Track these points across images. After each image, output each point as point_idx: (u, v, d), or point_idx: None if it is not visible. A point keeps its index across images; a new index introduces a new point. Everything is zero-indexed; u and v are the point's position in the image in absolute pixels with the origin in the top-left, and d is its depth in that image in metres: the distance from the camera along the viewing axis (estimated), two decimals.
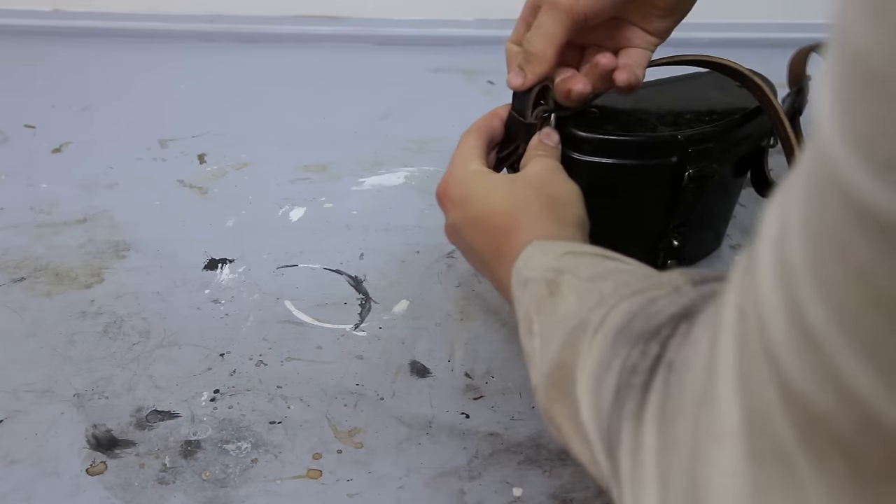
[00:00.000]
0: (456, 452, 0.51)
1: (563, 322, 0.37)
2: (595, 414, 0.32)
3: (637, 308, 0.32)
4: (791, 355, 0.20)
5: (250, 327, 0.60)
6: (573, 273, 0.39)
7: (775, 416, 0.21)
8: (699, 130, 0.54)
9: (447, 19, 0.97)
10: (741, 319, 0.23)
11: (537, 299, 0.40)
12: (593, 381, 0.32)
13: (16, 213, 0.70)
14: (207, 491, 0.49)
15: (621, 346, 0.31)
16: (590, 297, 0.36)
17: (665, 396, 0.27)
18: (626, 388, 0.29)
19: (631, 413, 0.28)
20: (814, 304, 0.19)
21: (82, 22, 0.96)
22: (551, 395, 0.36)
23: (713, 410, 0.24)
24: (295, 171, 0.76)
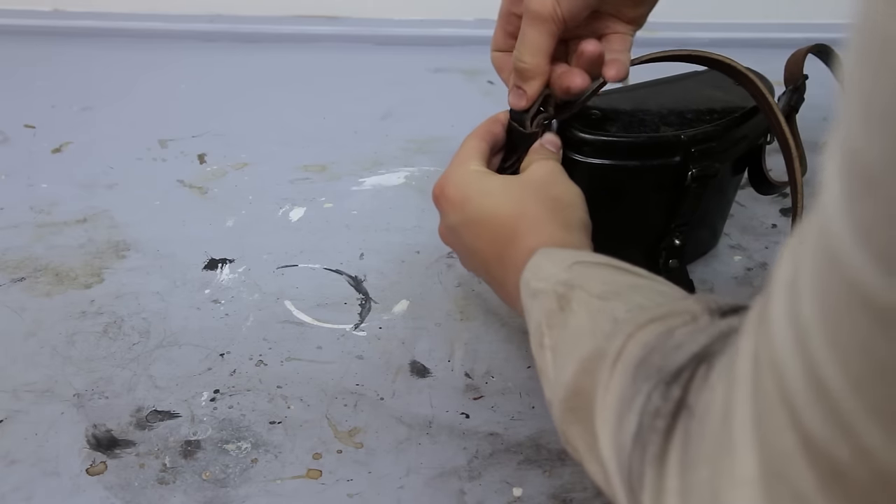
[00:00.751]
0: (456, 452, 0.51)
1: (575, 343, 0.36)
2: (616, 451, 0.32)
3: (655, 339, 0.32)
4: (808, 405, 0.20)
5: (250, 327, 0.60)
6: (583, 288, 0.38)
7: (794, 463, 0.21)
8: (701, 130, 0.54)
9: (447, 19, 0.97)
10: (756, 368, 0.23)
11: (548, 313, 0.39)
12: (614, 418, 0.32)
13: (16, 213, 0.70)
14: (207, 491, 0.49)
15: (642, 382, 0.31)
16: (603, 319, 0.36)
17: (686, 442, 0.27)
18: (649, 432, 0.29)
19: (654, 457, 0.28)
20: (828, 364, 0.19)
21: (82, 22, 0.96)
22: (568, 419, 0.36)
23: (731, 457, 0.24)
24: (295, 171, 0.76)
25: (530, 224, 0.45)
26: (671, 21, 0.94)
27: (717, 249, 0.67)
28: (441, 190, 0.50)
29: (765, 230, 0.69)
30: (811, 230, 0.20)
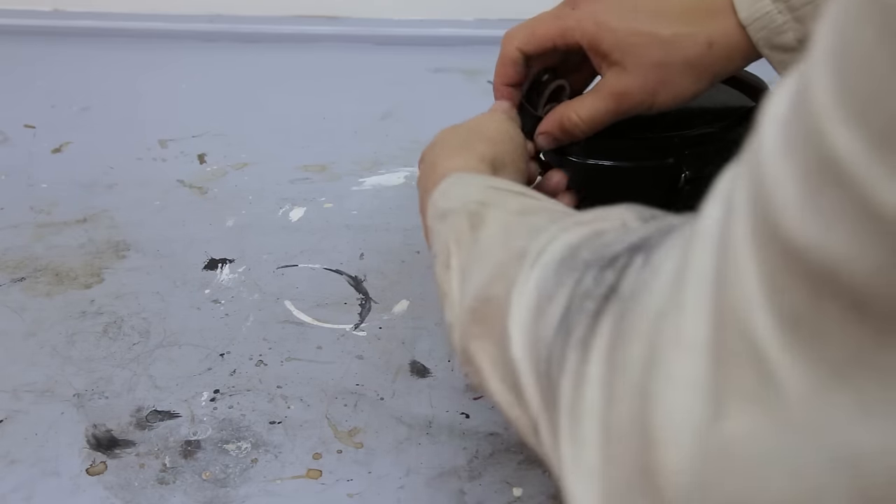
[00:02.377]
0: (456, 452, 0.51)
1: (487, 254, 0.35)
2: (531, 346, 0.30)
3: (582, 240, 0.31)
4: (797, 210, 0.19)
5: (250, 327, 0.60)
6: (499, 206, 0.37)
7: (754, 305, 0.20)
8: (696, 132, 0.54)
9: (447, 19, 0.96)
10: (726, 218, 0.22)
11: (457, 232, 0.38)
12: (532, 313, 0.30)
13: (16, 213, 0.70)
14: (207, 491, 0.49)
15: (567, 276, 0.29)
16: (520, 230, 0.34)
17: (617, 328, 0.26)
18: (576, 314, 0.28)
19: (578, 340, 0.27)
20: (841, 138, 0.18)
21: (82, 22, 0.96)
22: (472, 332, 0.34)
23: (676, 324, 0.23)
24: (295, 171, 0.76)
25: (449, 151, 0.45)
26: None
27: None
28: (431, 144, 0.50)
29: None
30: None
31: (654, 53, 0.48)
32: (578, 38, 0.49)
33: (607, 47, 0.48)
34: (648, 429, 0.22)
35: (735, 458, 0.21)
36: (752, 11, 0.47)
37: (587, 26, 0.49)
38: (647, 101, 0.49)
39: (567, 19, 0.50)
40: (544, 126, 0.52)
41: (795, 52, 0.46)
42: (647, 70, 0.48)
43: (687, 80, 0.49)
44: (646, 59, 0.48)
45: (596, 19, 0.49)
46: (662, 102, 0.49)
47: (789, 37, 0.46)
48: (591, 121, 0.50)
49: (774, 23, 0.46)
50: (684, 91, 0.49)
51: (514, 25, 0.52)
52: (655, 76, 0.48)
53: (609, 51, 0.48)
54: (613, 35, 0.48)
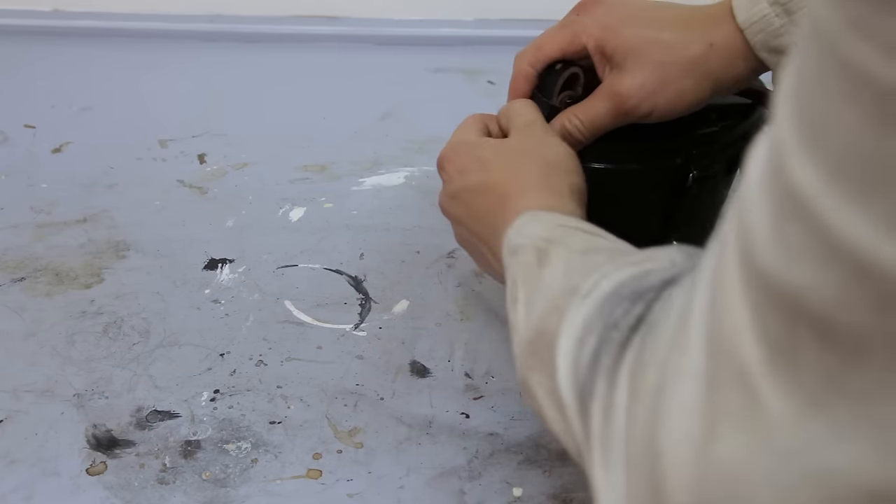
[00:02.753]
0: (456, 452, 0.51)
1: (548, 289, 0.36)
2: (573, 375, 0.31)
3: (629, 277, 0.32)
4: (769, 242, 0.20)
5: (250, 327, 0.60)
6: (564, 244, 0.38)
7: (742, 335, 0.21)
8: (702, 132, 0.54)
9: (447, 19, 0.96)
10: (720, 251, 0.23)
11: (525, 267, 0.39)
12: (575, 344, 0.31)
13: (16, 213, 0.70)
14: (207, 491, 0.49)
15: (607, 310, 0.31)
16: (580, 267, 0.35)
17: (639, 357, 0.27)
18: (605, 343, 0.29)
19: (606, 368, 0.28)
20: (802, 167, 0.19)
21: (82, 22, 0.96)
22: (530, 364, 0.36)
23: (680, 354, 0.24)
24: (295, 171, 0.76)
25: (521, 189, 0.45)
26: None
27: None
28: (444, 157, 0.51)
29: None
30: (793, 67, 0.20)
31: (654, 54, 0.48)
32: (585, 41, 0.50)
33: (611, 50, 0.49)
34: (656, 452, 0.24)
35: (727, 480, 0.22)
36: (750, 15, 0.47)
37: (593, 31, 0.49)
38: (647, 104, 0.49)
39: (573, 26, 0.50)
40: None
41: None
42: (647, 70, 0.48)
43: (687, 82, 0.49)
44: (646, 60, 0.48)
45: (601, 24, 0.49)
46: (663, 106, 0.49)
47: (787, 40, 0.47)
48: (591, 124, 0.50)
49: (772, 26, 0.47)
50: (684, 94, 0.49)
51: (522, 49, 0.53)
52: (655, 77, 0.48)
53: (612, 53, 0.49)
54: (617, 38, 0.49)
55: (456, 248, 0.66)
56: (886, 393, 0.19)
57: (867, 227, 0.18)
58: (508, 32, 0.91)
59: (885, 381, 0.19)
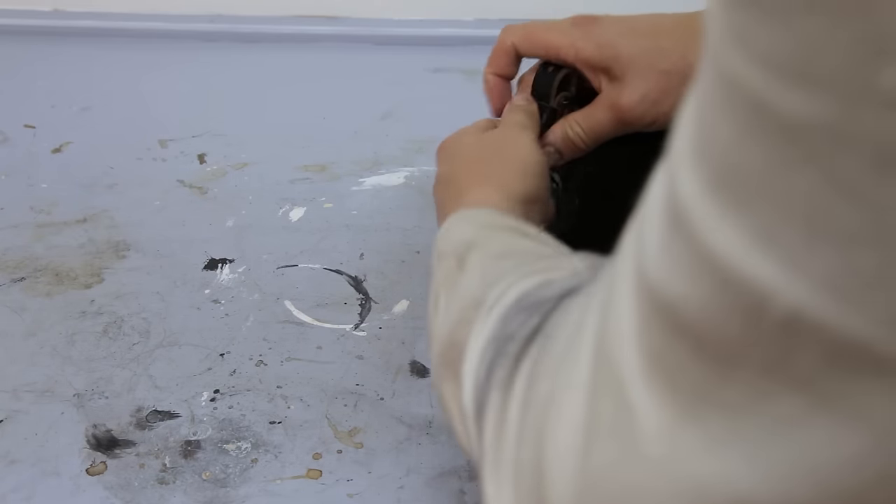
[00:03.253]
0: (456, 452, 0.51)
1: (461, 298, 0.35)
2: (474, 388, 0.31)
3: (532, 288, 0.32)
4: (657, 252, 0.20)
5: (250, 327, 0.60)
6: (482, 248, 0.38)
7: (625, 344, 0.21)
8: None
9: (447, 19, 0.96)
10: (619, 262, 0.23)
11: (447, 273, 0.38)
12: (479, 357, 0.31)
13: (16, 213, 0.70)
14: (207, 491, 0.49)
15: (509, 323, 0.30)
16: (491, 275, 0.35)
17: (533, 369, 0.26)
18: (499, 357, 0.29)
19: (500, 381, 0.28)
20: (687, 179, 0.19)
21: (82, 22, 0.96)
22: (442, 374, 0.35)
23: (572, 366, 0.24)
24: (295, 171, 0.76)
25: (470, 184, 0.45)
26: None
27: None
28: (438, 148, 0.50)
29: None
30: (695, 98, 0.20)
31: (655, 63, 0.48)
32: (572, 57, 0.49)
33: (607, 63, 0.48)
34: (542, 466, 0.24)
35: (605, 491, 0.22)
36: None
37: (583, 46, 0.49)
38: (651, 114, 0.48)
39: (563, 36, 0.49)
40: (550, 139, 0.51)
41: None
42: (649, 81, 0.48)
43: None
44: (647, 69, 0.48)
45: (596, 41, 0.48)
46: (666, 115, 0.49)
47: None
48: (592, 132, 0.50)
49: None
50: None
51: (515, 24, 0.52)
52: (657, 87, 0.48)
53: (609, 66, 0.48)
54: (614, 51, 0.48)
55: None
56: (754, 405, 0.19)
57: (735, 239, 0.18)
58: None
59: (752, 394, 0.19)
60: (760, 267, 0.18)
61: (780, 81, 0.17)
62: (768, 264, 0.17)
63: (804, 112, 0.16)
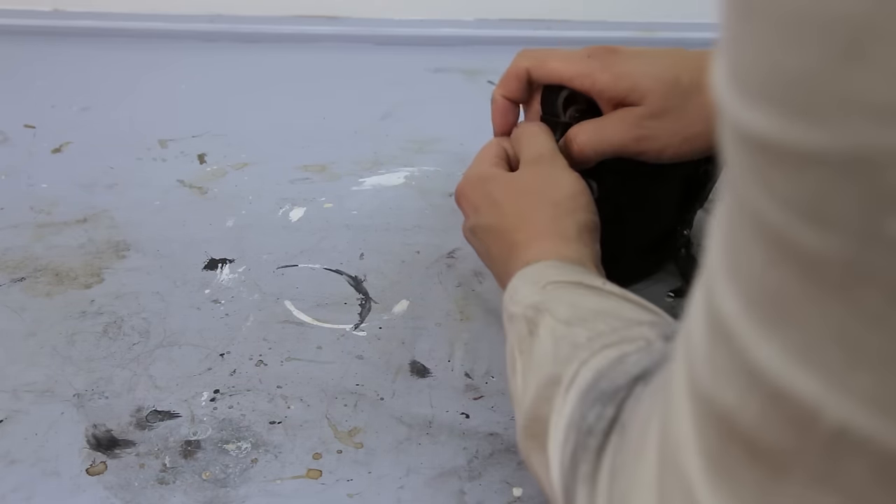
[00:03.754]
0: (456, 452, 0.51)
1: (538, 369, 0.37)
2: (560, 473, 0.32)
3: (607, 366, 0.33)
4: (704, 362, 0.21)
5: (250, 327, 0.60)
6: (550, 312, 0.38)
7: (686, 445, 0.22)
8: None
9: (447, 19, 0.97)
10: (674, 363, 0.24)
11: (520, 337, 0.40)
12: (562, 442, 0.32)
13: (16, 213, 0.70)
14: (207, 491, 0.49)
15: (587, 408, 0.31)
16: (564, 345, 0.36)
17: (615, 457, 0.28)
18: (581, 450, 0.30)
19: (585, 475, 0.29)
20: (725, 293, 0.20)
21: (82, 22, 0.96)
22: (528, 446, 0.37)
23: (638, 464, 0.25)
24: (295, 171, 0.76)
25: (528, 237, 0.46)
26: (669, 21, 0.94)
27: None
28: (460, 191, 0.51)
29: None
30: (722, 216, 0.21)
31: (671, 98, 0.48)
32: (588, 86, 0.49)
33: (624, 93, 0.48)
34: None
35: None
36: None
37: (601, 77, 0.49)
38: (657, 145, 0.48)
39: (581, 66, 0.49)
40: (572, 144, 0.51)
41: None
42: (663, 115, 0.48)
43: (700, 129, 0.48)
44: (662, 104, 0.48)
45: (613, 71, 0.48)
46: (672, 150, 0.49)
47: None
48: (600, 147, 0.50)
49: None
50: (696, 140, 0.49)
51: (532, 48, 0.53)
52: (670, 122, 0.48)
53: (626, 96, 0.48)
54: (631, 81, 0.48)
55: (456, 248, 0.66)
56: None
57: (778, 356, 0.19)
58: (508, 32, 0.91)
59: (807, 496, 0.19)
60: (805, 383, 0.18)
61: (798, 220, 0.17)
62: (811, 381, 0.18)
63: (823, 249, 0.17)
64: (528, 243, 0.45)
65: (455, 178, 0.73)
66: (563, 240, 0.45)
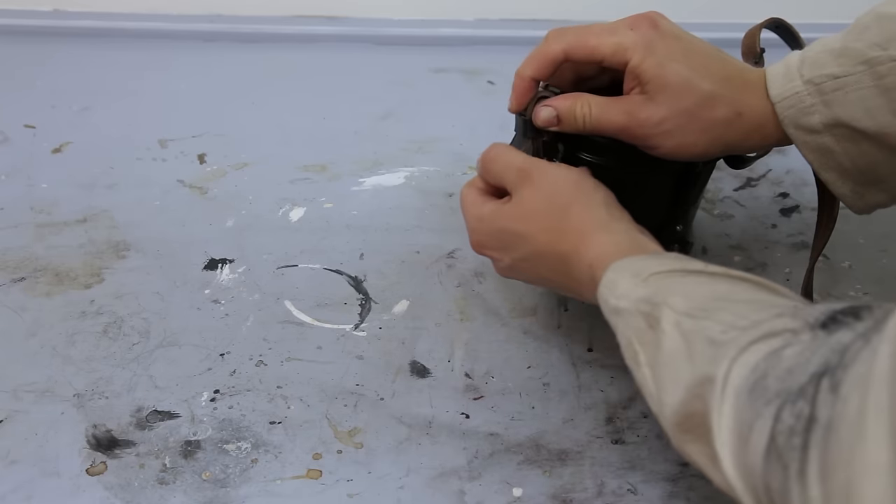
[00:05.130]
0: (456, 452, 0.51)
1: (675, 367, 0.38)
2: (742, 472, 0.33)
3: (762, 362, 0.33)
4: None
5: (250, 327, 0.60)
6: (668, 305, 0.40)
7: None
8: None
9: (447, 19, 0.96)
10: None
11: (637, 331, 0.41)
12: (736, 440, 0.33)
13: (16, 213, 0.70)
14: (207, 491, 0.49)
15: (762, 406, 0.32)
16: (698, 342, 0.37)
17: (823, 457, 0.28)
18: (787, 451, 0.30)
19: (796, 473, 0.30)
20: None
21: (82, 22, 0.96)
22: (683, 439, 0.38)
23: (862, 453, 0.25)
24: (295, 171, 0.76)
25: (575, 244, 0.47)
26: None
27: (717, 249, 0.67)
28: (476, 245, 0.52)
29: (765, 230, 0.69)
30: None
31: (685, 100, 0.48)
32: (627, 58, 0.49)
33: (649, 77, 0.48)
34: None
35: None
36: (784, 90, 0.48)
37: (638, 51, 0.48)
38: (656, 140, 0.49)
39: (622, 37, 0.49)
40: (554, 101, 0.51)
41: (819, 134, 0.48)
42: (672, 113, 0.48)
43: (701, 138, 0.49)
44: (675, 103, 0.48)
45: (650, 47, 0.48)
46: (668, 148, 0.49)
47: (815, 119, 0.47)
48: (598, 123, 0.50)
49: (803, 103, 0.47)
50: (694, 147, 0.49)
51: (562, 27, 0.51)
52: (676, 122, 0.48)
53: (648, 80, 0.48)
54: (660, 68, 0.48)
55: (456, 249, 0.66)
56: None
57: None
58: (508, 32, 0.91)
59: None
60: None
61: None
62: None
63: None
64: (578, 248, 0.47)
65: (455, 178, 0.74)
66: (605, 229, 0.47)
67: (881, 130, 0.46)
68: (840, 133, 0.47)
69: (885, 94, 0.45)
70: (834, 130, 0.47)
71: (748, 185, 0.72)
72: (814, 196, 0.54)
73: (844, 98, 0.46)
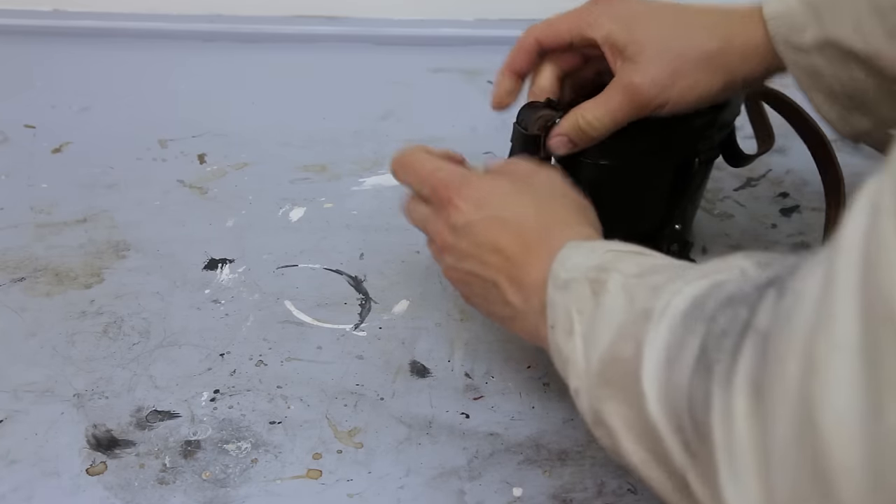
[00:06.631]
0: (456, 452, 0.51)
1: (610, 317, 0.36)
2: (667, 399, 0.31)
3: (705, 291, 0.32)
4: None
5: (250, 327, 0.60)
6: (618, 270, 0.38)
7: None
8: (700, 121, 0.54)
9: (447, 19, 0.96)
10: (872, 220, 0.23)
11: (578, 299, 0.39)
12: (664, 365, 0.31)
13: (16, 213, 0.70)
14: (207, 491, 0.49)
15: (695, 324, 0.30)
16: (641, 291, 0.35)
17: (760, 358, 0.27)
18: (714, 352, 0.29)
19: (721, 376, 0.28)
20: None
21: (82, 22, 0.96)
22: (602, 394, 0.36)
23: (828, 333, 0.23)
24: (295, 171, 0.76)
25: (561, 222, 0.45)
26: None
27: (717, 249, 0.67)
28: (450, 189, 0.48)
29: (765, 230, 0.69)
30: None
31: (667, 48, 0.48)
32: (594, 33, 0.50)
33: (623, 42, 0.49)
34: (816, 435, 0.23)
35: None
36: (777, 8, 0.48)
37: (604, 22, 0.49)
38: (661, 97, 0.49)
39: (587, 15, 0.50)
40: (561, 129, 0.51)
41: (809, 53, 0.47)
42: (661, 62, 0.48)
43: (701, 74, 0.49)
44: (660, 51, 0.48)
45: (615, 17, 0.49)
46: (675, 99, 0.49)
47: (807, 36, 0.47)
48: (605, 118, 0.50)
49: (795, 21, 0.47)
50: (696, 87, 0.49)
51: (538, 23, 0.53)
52: (669, 68, 0.48)
53: (624, 45, 0.49)
54: (629, 29, 0.48)
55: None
56: None
57: None
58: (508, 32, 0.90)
59: None
60: None
61: None
62: None
63: None
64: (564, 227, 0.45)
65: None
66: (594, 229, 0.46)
67: (871, 52, 0.45)
68: (830, 54, 0.47)
69: (878, 14, 0.45)
70: (825, 51, 0.47)
71: (748, 185, 0.72)
72: (814, 196, 0.54)
73: (837, 14, 0.46)
